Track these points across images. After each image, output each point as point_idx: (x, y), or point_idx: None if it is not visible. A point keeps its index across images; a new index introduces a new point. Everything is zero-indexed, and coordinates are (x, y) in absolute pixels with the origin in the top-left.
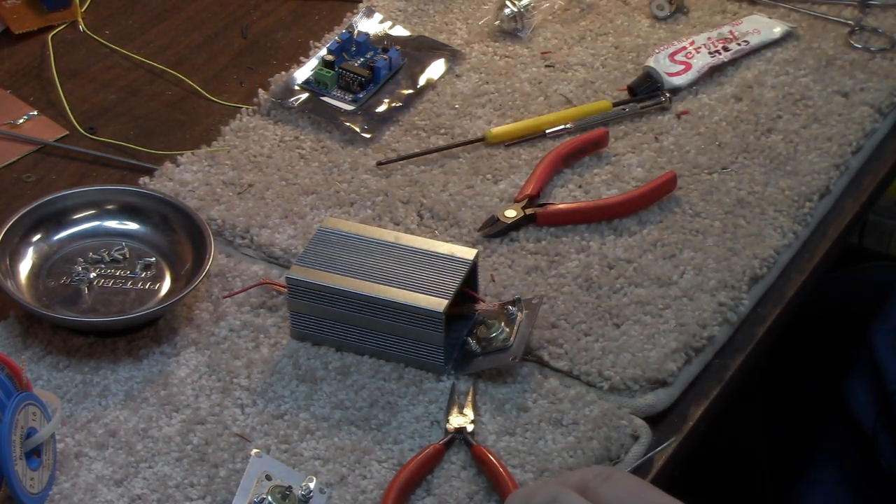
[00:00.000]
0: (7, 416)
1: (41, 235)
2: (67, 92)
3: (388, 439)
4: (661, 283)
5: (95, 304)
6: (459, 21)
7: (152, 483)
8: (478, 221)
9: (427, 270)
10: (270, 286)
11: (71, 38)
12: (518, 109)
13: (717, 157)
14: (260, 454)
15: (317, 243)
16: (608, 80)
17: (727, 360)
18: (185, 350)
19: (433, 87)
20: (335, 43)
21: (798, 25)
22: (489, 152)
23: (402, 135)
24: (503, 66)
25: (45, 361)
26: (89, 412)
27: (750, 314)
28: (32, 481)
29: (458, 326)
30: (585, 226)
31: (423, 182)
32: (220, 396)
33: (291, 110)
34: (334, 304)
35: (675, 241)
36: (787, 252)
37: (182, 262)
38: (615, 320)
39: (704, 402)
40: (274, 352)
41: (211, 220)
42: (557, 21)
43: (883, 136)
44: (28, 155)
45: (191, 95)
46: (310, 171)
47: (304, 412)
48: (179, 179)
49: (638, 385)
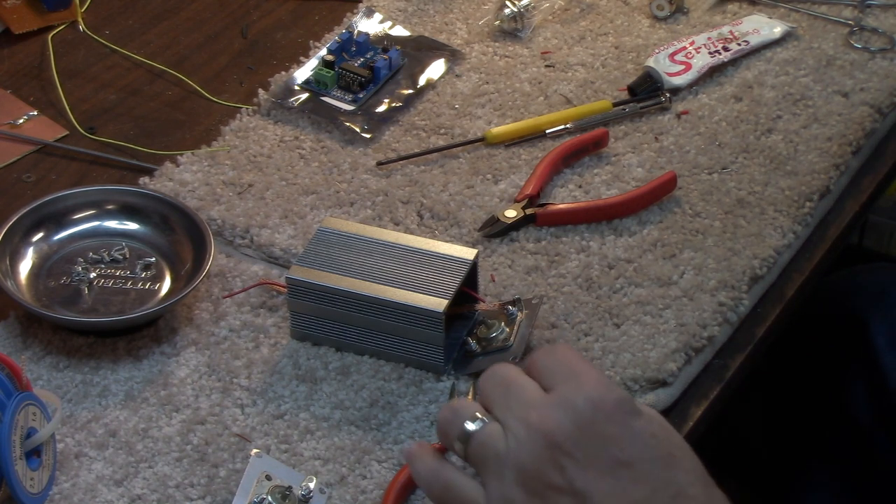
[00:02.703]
0: (7, 416)
1: (41, 235)
2: (67, 92)
3: (388, 439)
4: (661, 283)
5: (95, 304)
6: (459, 21)
7: (152, 483)
8: (478, 221)
9: (427, 270)
10: (270, 286)
11: (71, 38)
12: (518, 109)
13: (717, 157)
14: (260, 454)
15: (317, 243)
16: (608, 80)
17: (727, 360)
18: (185, 350)
19: (433, 87)
20: (335, 43)
21: (798, 25)
22: (489, 152)
23: (402, 135)
24: (503, 66)
25: (45, 361)
26: (89, 412)
27: (750, 314)
28: (32, 481)
29: (458, 326)
30: (585, 226)
31: (423, 182)
32: (220, 396)
33: (291, 110)
34: (334, 304)
35: (675, 241)
36: (787, 252)
37: (182, 262)
38: (615, 320)
39: (704, 402)
40: (274, 352)
41: (211, 220)
42: (557, 21)
43: (883, 136)
44: (28, 155)
45: (191, 95)
46: (310, 171)
47: (304, 412)
48: (179, 179)
49: (638, 385)
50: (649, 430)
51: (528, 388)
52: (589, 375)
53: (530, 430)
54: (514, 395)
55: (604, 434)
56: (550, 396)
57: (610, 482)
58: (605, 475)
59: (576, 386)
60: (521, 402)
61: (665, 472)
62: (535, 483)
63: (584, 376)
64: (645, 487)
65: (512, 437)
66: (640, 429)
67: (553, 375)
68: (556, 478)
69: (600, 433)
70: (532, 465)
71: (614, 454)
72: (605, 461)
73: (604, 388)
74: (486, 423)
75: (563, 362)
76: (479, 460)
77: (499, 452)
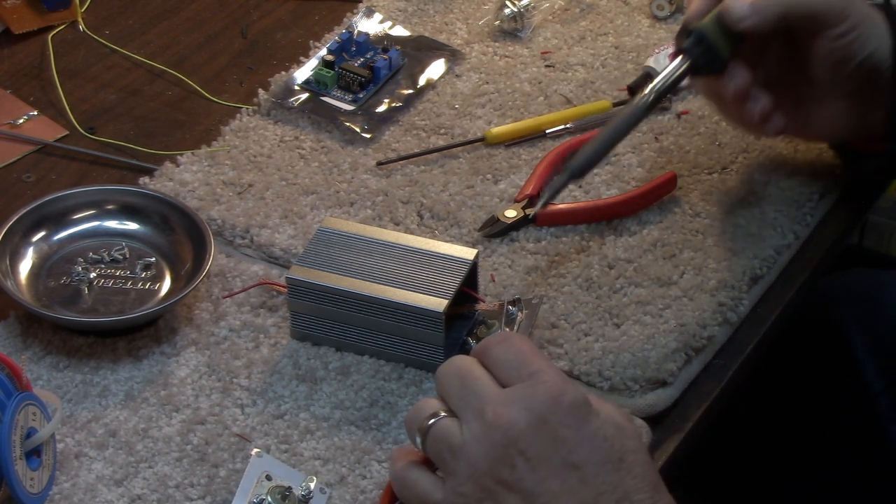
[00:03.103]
0: (7, 416)
1: (41, 235)
2: (67, 92)
3: (388, 439)
4: (661, 283)
5: (95, 304)
6: (459, 21)
7: (152, 483)
8: (478, 221)
9: (427, 270)
10: (270, 286)
11: (71, 38)
12: (518, 109)
13: (717, 157)
14: (260, 454)
15: (317, 243)
16: (608, 80)
17: (727, 360)
18: (185, 350)
19: (433, 87)
20: (335, 43)
21: None
22: (489, 152)
23: (402, 135)
24: (503, 66)
25: (45, 361)
26: (89, 412)
27: (750, 314)
28: (32, 481)
29: (458, 326)
30: (585, 226)
31: (423, 182)
32: (220, 396)
33: (291, 110)
34: (334, 304)
35: (675, 241)
36: (787, 252)
37: (182, 262)
38: (615, 320)
39: (704, 402)
40: (274, 352)
41: (211, 220)
42: (557, 21)
43: None
44: (28, 155)
45: (191, 95)
46: (310, 171)
47: (304, 412)
48: (179, 179)
49: (638, 385)
50: (602, 434)
51: (484, 382)
52: (546, 374)
53: (485, 426)
54: (471, 389)
55: (556, 435)
56: (507, 393)
57: (558, 483)
58: (554, 476)
59: (532, 384)
60: (477, 396)
61: (613, 476)
62: (487, 479)
63: (542, 374)
64: (592, 490)
65: (467, 431)
66: (592, 431)
67: (509, 370)
68: (507, 475)
69: (553, 434)
70: (484, 461)
71: (564, 456)
72: (555, 462)
73: (560, 387)
74: (442, 418)
75: (520, 357)
76: (436, 454)
77: (453, 446)
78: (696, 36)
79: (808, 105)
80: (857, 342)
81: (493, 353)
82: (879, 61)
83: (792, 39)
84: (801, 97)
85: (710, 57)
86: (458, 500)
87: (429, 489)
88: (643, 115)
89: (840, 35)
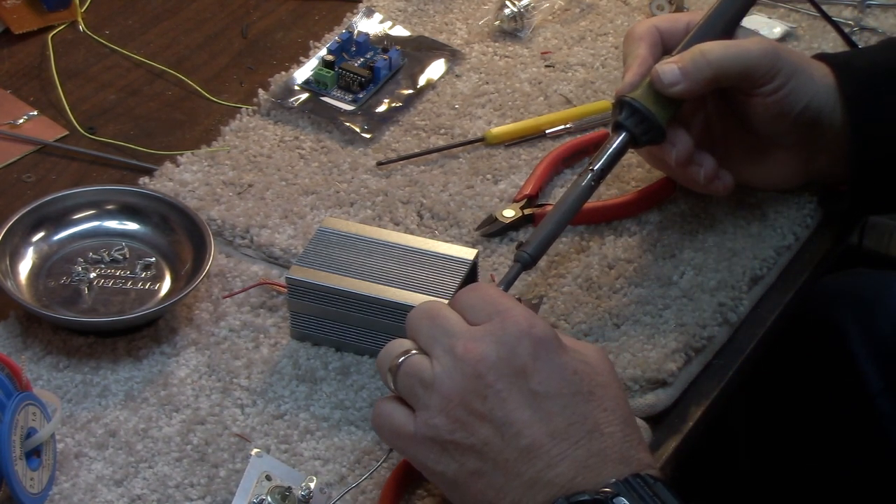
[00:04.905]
0: (7, 416)
1: (41, 235)
2: (67, 92)
3: None
4: (661, 283)
5: (95, 304)
6: (459, 21)
7: (152, 483)
8: (478, 221)
9: (427, 270)
10: (270, 286)
11: (71, 38)
12: (518, 109)
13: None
14: (260, 454)
15: (317, 243)
16: (608, 80)
17: (727, 360)
18: (185, 350)
19: (433, 87)
20: (335, 43)
21: (798, 25)
22: (489, 152)
23: (402, 135)
24: (503, 66)
25: (45, 361)
26: (89, 412)
27: (750, 315)
28: (32, 481)
29: None
30: (585, 226)
31: (423, 182)
32: (220, 396)
33: (291, 110)
34: (334, 304)
35: (675, 241)
36: (786, 253)
37: (182, 262)
38: (615, 320)
39: (704, 402)
40: (274, 352)
41: (211, 220)
42: (557, 21)
43: None
44: (28, 155)
45: (191, 95)
46: (310, 171)
47: (304, 412)
48: (179, 179)
49: (638, 385)
50: (571, 367)
51: (454, 320)
52: (514, 311)
53: (455, 360)
54: (440, 327)
55: (525, 366)
56: (476, 329)
57: (529, 413)
58: (524, 406)
59: (501, 320)
60: (447, 333)
61: (583, 407)
62: (459, 411)
63: (510, 312)
64: (562, 420)
65: (438, 366)
66: (562, 363)
67: (478, 311)
68: (479, 406)
69: (522, 365)
70: (456, 393)
71: (534, 387)
72: (525, 393)
73: (529, 321)
74: (413, 354)
75: (488, 300)
76: (407, 389)
77: (424, 380)
78: (629, 108)
79: (758, 156)
80: (856, 342)
81: (462, 298)
82: (818, 110)
83: (731, 96)
84: (750, 149)
85: (647, 126)
86: (431, 432)
87: (402, 421)
88: (587, 195)
89: (772, 91)
